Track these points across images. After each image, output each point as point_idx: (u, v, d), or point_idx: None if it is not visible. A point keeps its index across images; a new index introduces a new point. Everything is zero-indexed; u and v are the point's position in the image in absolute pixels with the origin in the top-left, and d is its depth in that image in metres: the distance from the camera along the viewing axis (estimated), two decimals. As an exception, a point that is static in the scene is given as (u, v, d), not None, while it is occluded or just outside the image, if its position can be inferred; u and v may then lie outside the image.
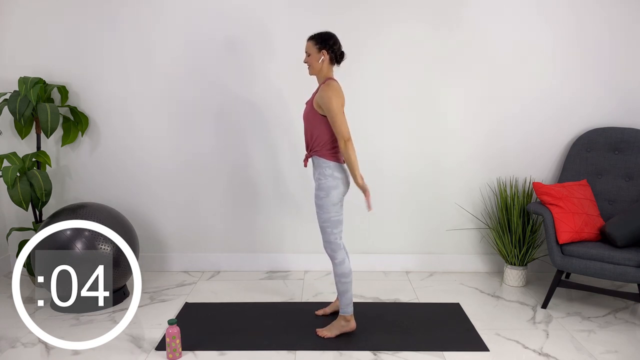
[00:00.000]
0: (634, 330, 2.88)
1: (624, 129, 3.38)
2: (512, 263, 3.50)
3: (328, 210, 2.63)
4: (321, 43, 2.59)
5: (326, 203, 2.62)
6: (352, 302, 2.75)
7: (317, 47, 2.59)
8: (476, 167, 3.64)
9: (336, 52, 2.62)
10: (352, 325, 2.78)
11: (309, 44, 2.62)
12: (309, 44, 2.62)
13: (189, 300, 3.27)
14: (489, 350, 2.65)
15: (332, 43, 2.60)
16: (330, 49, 2.60)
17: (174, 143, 3.63)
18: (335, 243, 2.67)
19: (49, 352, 2.64)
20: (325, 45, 2.59)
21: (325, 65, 2.62)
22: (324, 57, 2.59)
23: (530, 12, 3.42)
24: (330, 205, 2.62)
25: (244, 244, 3.78)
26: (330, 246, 2.68)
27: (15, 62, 3.53)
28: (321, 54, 2.59)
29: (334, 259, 2.69)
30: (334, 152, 2.63)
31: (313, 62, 2.62)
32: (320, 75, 2.64)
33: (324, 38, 2.60)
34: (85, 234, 2.98)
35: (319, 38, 2.60)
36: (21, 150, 3.64)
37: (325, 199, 2.62)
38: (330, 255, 2.70)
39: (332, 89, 2.53)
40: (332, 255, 2.69)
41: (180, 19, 3.47)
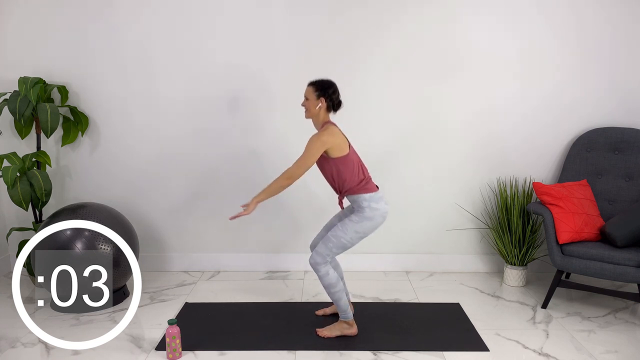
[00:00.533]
0: (634, 330, 2.88)
1: (624, 129, 3.38)
2: (512, 263, 3.50)
3: (348, 232, 2.61)
4: (321, 90, 2.62)
5: (351, 227, 2.61)
6: (348, 308, 2.73)
7: (316, 94, 2.62)
8: (476, 167, 3.64)
9: (334, 101, 2.65)
10: (354, 330, 2.77)
11: (309, 89, 2.65)
12: (309, 89, 2.64)
13: (189, 300, 3.27)
14: (489, 350, 2.65)
15: (331, 92, 2.63)
16: (328, 98, 2.63)
17: (174, 143, 3.63)
18: (324, 257, 2.64)
19: (49, 352, 2.64)
20: (325, 94, 2.62)
21: (322, 112, 2.65)
22: (321, 105, 2.63)
23: (531, 12, 3.42)
24: (353, 231, 2.61)
25: (244, 244, 3.78)
26: (318, 258, 2.64)
27: (15, 62, 3.53)
28: (319, 101, 2.62)
29: (317, 271, 2.65)
30: (363, 185, 2.63)
31: (310, 107, 2.65)
32: (316, 120, 2.68)
33: (324, 86, 2.62)
34: (85, 234, 2.98)
35: (319, 85, 2.63)
36: (21, 150, 3.64)
37: (355, 223, 2.61)
38: (313, 266, 2.65)
39: (326, 133, 2.54)
40: (315, 268, 2.65)
41: (180, 19, 3.47)
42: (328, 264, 2.66)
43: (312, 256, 2.66)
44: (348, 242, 2.63)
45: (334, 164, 2.60)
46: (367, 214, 2.60)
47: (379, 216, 2.63)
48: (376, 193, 2.64)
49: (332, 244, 2.63)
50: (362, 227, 2.61)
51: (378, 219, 2.63)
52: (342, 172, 2.61)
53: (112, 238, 3.01)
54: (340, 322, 2.78)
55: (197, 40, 3.49)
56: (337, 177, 2.64)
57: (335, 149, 2.56)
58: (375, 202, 2.62)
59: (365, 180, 2.65)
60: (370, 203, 2.61)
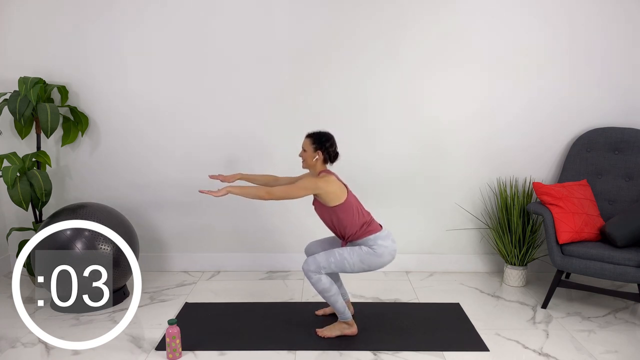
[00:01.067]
0: (634, 330, 2.88)
1: (624, 129, 3.38)
2: (512, 263, 3.50)
3: (353, 256, 2.61)
4: (318, 143, 2.64)
5: (358, 254, 2.61)
6: (346, 309, 2.73)
7: (314, 147, 2.65)
8: (476, 167, 3.64)
9: (331, 154, 2.68)
10: (354, 330, 2.77)
11: (307, 141, 2.67)
12: (307, 141, 2.67)
13: (189, 300, 3.27)
14: (489, 350, 2.65)
15: (328, 145, 2.65)
16: (325, 151, 2.65)
17: (174, 143, 3.63)
18: (319, 270, 2.62)
19: (49, 352, 2.64)
20: (322, 147, 2.65)
21: (319, 163, 2.68)
22: (318, 157, 2.65)
23: (530, 11, 3.42)
24: (358, 259, 2.61)
25: (244, 244, 3.78)
26: (312, 267, 2.63)
27: (15, 62, 3.53)
28: (316, 153, 2.65)
29: (309, 278, 2.65)
30: (365, 229, 2.64)
31: (307, 159, 2.68)
32: (313, 170, 2.71)
33: (321, 140, 2.65)
34: (85, 234, 2.98)
35: (316, 138, 2.65)
36: (21, 150, 3.64)
37: (364, 254, 2.61)
38: (306, 273, 2.65)
39: (323, 180, 2.57)
40: (307, 274, 2.65)
41: (180, 19, 3.47)
42: (321, 273, 2.64)
43: (307, 262, 2.65)
44: (349, 267, 2.63)
45: (332, 211, 2.63)
46: (376, 250, 2.62)
47: (387, 254, 2.64)
48: (381, 232, 2.66)
49: (334, 261, 2.62)
50: (369, 260, 2.62)
51: (386, 257, 2.64)
52: (342, 219, 2.63)
53: (112, 238, 3.01)
54: (340, 322, 2.78)
55: (197, 40, 3.49)
56: (337, 224, 2.66)
57: (331, 197, 2.58)
58: (382, 239, 2.63)
59: (367, 223, 2.66)
60: (377, 240, 2.62)
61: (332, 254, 2.63)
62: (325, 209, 2.65)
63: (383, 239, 2.64)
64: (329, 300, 2.68)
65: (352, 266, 2.63)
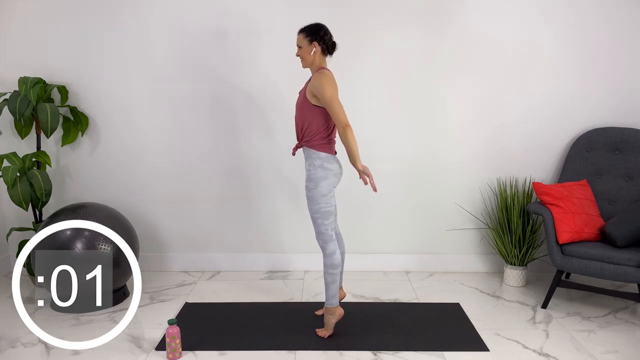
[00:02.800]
0: (634, 330, 2.88)
1: (624, 129, 3.38)
2: (512, 263, 3.50)
3: (317, 201, 2.62)
4: (312, 35, 2.60)
5: (315, 194, 2.62)
6: (337, 295, 2.74)
7: (308, 40, 2.60)
8: (476, 167, 3.64)
9: (327, 43, 2.63)
10: (340, 312, 2.77)
11: (300, 36, 2.63)
12: (300, 37, 2.63)
13: (189, 300, 3.27)
14: (489, 350, 2.65)
15: (322, 34, 2.60)
16: (321, 40, 2.60)
17: (174, 143, 3.63)
18: (326, 234, 2.66)
19: (49, 352, 2.64)
20: (316, 37, 2.60)
21: (318, 57, 2.63)
22: (315, 49, 2.60)
23: (531, 12, 3.42)
24: (319, 197, 2.62)
25: (244, 244, 3.78)
26: (321, 237, 2.67)
27: (15, 62, 3.53)
28: (312, 45, 2.60)
29: (325, 249, 2.68)
30: (324, 143, 2.63)
31: (305, 55, 2.63)
32: (313, 67, 2.65)
33: (314, 30, 2.60)
34: (85, 234, 2.98)
35: (309, 30, 2.61)
36: (21, 150, 3.64)
37: (314, 190, 2.62)
38: (321, 246, 2.69)
39: (324, 77, 2.53)
40: (322, 247, 2.68)
41: (180, 19, 3.47)
42: (333, 242, 2.68)
43: (316, 239, 2.71)
44: (324, 207, 2.63)
45: (315, 110, 2.58)
46: (319, 174, 2.61)
47: (332, 175, 2.63)
48: (333, 156, 2.66)
49: (318, 219, 2.65)
50: (323, 189, 2.61)
51: (332, 178, 2.63)
52: (312, 122, 2.60)
53: (112, 238, 3.01)
54: (325, 314, 2.77)
55: (197, 40, 3.49)
56: (307, 124, 2.62)
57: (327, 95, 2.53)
58: (329, 162, 2.63)
59: (329, 139, 2.65)
60: (323, 163, 2.62)
61: (312, 219, 2.66)
62: (307, 105, 2.60)
63: (330, 162, 2.63)
64: (329, 279, 2.69)
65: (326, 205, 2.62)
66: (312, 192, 2.63)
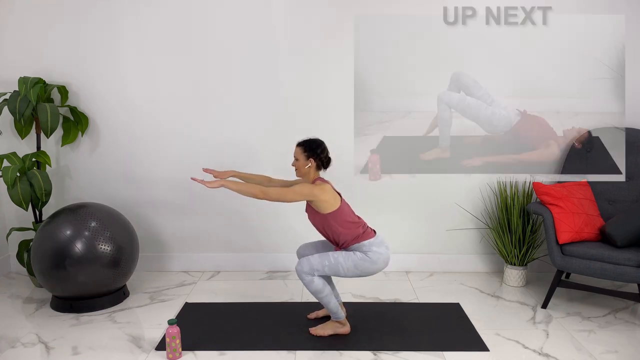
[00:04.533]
0: (634, 330, 2.87)
1: (625, 129, 3.38)
2: (512, 263, 3.50)
3: (348, 262, 2.61)
4: (309, 151, 2.65)
5: (353, 259, 2.61)
6: (339, 309, 2.73)
7: (305, 155, 2.65)
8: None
9: (323, 160, 2.68)
10: (347, 329, 2.77)
11: (298, 150, 2.68)
12: (298, 150, 2.68)
13: (189, 300, 3.27)
14: (489, 350, 2.65)
15: (319, 152, 2.66)
16: (317, 158, 2.65)
17: (174, 143, 3.63)
18: (312, 272, 2.63)
19: (49, 352, 2.64)
20: (313, 154, 2.65)
21: (312, 171, 2.68)
22: (310, 165, 2.65)
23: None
24: (352, 265, 2.61)
25: (244, 244, 3.78)
26: (305, 268, 2.63)
27: (15, 62, 3.53)
28: (308, 161, 2.65)
29: (301, 279, 2.65)
30: (360, 235, 2.64)
31: (300, 167, 2.68)
32: (307, 177, 2.70)
33: (312, 147, 2.66)
34: (85, 234, 2.98)
35: (307, 146, 2.66)
36: (21, 150, 3.63)
37: (358, 260, 2.60)
38: (298, 274, 2.65)
39: (319, 188, 2.59)
40: (299, 275, 2.66)
41: (180, 19, 3.47)
42: (310, 275, 2.64)
43: (300, 263, 2.65)
44: (342, 272, 2.63)
45: (325, 219, 2.63)
46: (371, 257, 2.62)
47: (381, 261, 2.63)
48: (375, 238, 2.66)
49: (328, 264, 2.62)
50: (363, 266, 2.62)
51: (380, 264, 2.64)
52: (335, 227, 2.63)
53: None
54: (333, 321, 2.78)
55: (197, 40, 3.49)
56: (330, 231, 2.66)
57: (324, 205, 2.59)
58: (377, 246, 2.63)
59: (361, 231, 2.66)
60: (371, 247, 2.62)
61: (326, 258, 2.63)
62: (318, 215, 2.66)
63: (377, 245, 2.64)
64: (322, 301, 2.68)
65: (346, 271, 2.63)
66: (354, 256, 2.60)
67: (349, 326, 2.79)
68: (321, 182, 2.67)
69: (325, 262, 2.62)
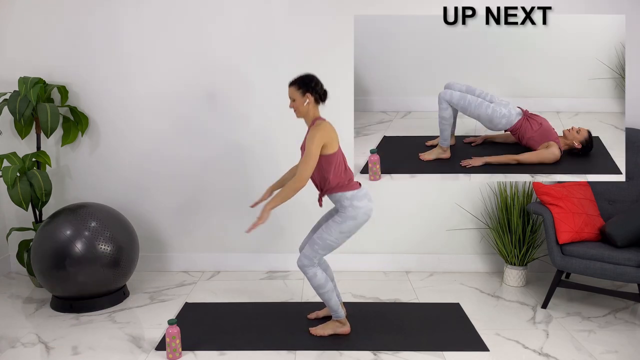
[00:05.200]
0: (634, 330, 2.87)
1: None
2: (512, 263, 3.50)
3: (332, 233, 2.61)
4: (304, 87, 2.60)
5: (335, 228, 2.60)
6: (339, 308, 2.73)
7: (301, 92, 2.60)
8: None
9: (320, 93, 2.63)
10: (347, 329, 2.77)
11: (292, 89, 2.62)
12: (292, 90, 2.62)
13: (189, 300, 3.27)
14: (489, 350, 2.65)
15: (314, 85, 2.61)
16: (313, 91, 2.61)
17: (174, 143, 3.63)
18: (311, 261, 2.64)
19: (49, 352, 2.64)
20: (309, 89, 2.60)
21: (312, 107, 2.63)
22: (308, 100, 2.60)
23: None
24: (337, 231, 2.60)
25: (244, 244, 3.77)
26: (305, 261, 2.65)
27: (15, 62, 3.53)
28: (305, 97, 2.60)
29: (305, 273, 2.66)
30: (345, 184, 2.61)
31: (299, 107, 2.62)
32: (307, 117, 2.65)
33: (305, 82, 2.61)
34: (85, 234, 2.98)
35: (300, 82, 2.61)
36: (21, 150, 3.63)
37: (339, 224, 2.60)
38: (301, 268, 2.67)
39: (320, 129, 2.54)
40: (302, 270, 2.66)
41: (180, 19, 3.47)
42: (316, 266, 2.66)
43: (299, 258, 2.67)
44: (334, 243, 2.62)
45: (321, 160, 2.58)
46: (349, 213, 2.59)
47: (362, 214, 2.61)
48: (359, 191, 2.62)
49: (318, 246, 2.62)
50: (347, 227, 2.60)
51: (361, 217, 2.61)
52: (326, 171, 2.59)
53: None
54: (333, 321, 2.78)
55: (197, 40, 3.49)
56: (318, 173, 2.62)
57: (327, 145, 2.55)
58: (358, 200, 2.60)
59: (348, 180, 2.63)
60: (352, 202, 2.59)
61: (314, 242, 2.63)
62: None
63: (359, 199, 2.60)
64: (323, 297, 2.69)
65: (336, 241, 2.62)
66: (334, 223, 2.60)
67: (349, 326, 2.79)
68: (321, 121, 2.62)
69: (315, 246, 2.62)
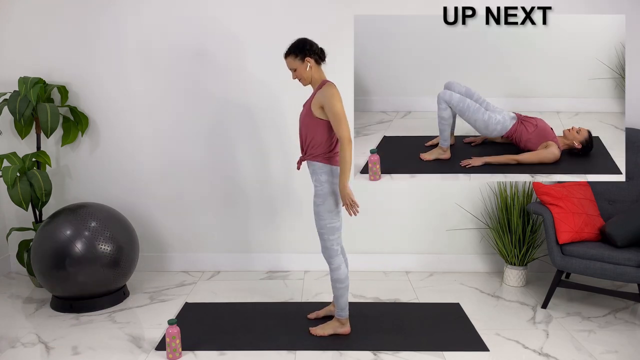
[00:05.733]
0: (634, 330, 2.88)
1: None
2: (512, 263, 3.50)
3: (323, 217, 2.62)
4: (301, 52, 2.57)
5: (321, 210, 2.61)
6: (347, 307, 2.74)
7: (299, 59, 2.57)
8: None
9: (318, 53, 2.60)
10: (347, 329, 2.78)
11: (289, 59, 2.59)
12: (290, 60, 2.59)
13: (189, 300, 3.27)
14: (489, 350, 2.65)
15: (309, 47, 2.58)
16: (311, 53, 2.58)
17: (174, 143, 3.63)
18: (332, 249, 2.66)
19: (49, 352, 2.64)
20: (306, 53, 2.57)
21: (315, 70, 2.60)
22: (310, 64, 2.58)
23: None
24: (325, 213, 2.61)
25: (244, 244, 3.78)
26: (327, 252, 2.68)
27: (15, 62, 3.53)
28: (306, 62, 2.57)
29: (330, 264, 2.69)
30: (329, 156, 2.61)
31: (302, 74, 2.59)
32: (314, 82, 2.63)
33: (299, 47, 2.58)
34: (85, 234, 2.98)
35: (295, 49, 2.58)
36: (21, 150, 3.63)
37: (321, 206, 2.61)
38: (327, 260, 2.70)
39: (333, 87, 2.53)
40: (328, 261, 2.69)
41: (180, 19, 3.47)
42: (339, 256, 2.68)
43: (322, 252, 2.71)
44: (330, 223, 2.62)
45: (319, 123, 2.56)
46: (326, 189, 2.60)
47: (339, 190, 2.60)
48: (338, 168, 2.61)
49: (324, 234, 2.64)
50: (330, 204, 2.61)
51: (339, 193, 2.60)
52: (320, 134, 2.57)
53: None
54: (334, 320, 2.78)
55: (197, 39, 3.49)
56: (311, 137, 2.59)
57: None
58: (335, 177, 2.61)
59: (333, 152, 2.61)
60: (329, 177, 2.60)
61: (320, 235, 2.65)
62: (311, 118, 2.57)
63: (336, 176, 2.60)
64: (337, 292, 2.70)
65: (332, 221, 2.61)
66: (319, 207, 2.62)
67: (349, 326, 2.79)
68: (329, 83, 2.58)
69: (323, 237, 2.64)
